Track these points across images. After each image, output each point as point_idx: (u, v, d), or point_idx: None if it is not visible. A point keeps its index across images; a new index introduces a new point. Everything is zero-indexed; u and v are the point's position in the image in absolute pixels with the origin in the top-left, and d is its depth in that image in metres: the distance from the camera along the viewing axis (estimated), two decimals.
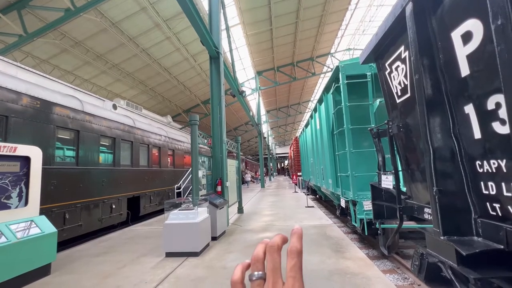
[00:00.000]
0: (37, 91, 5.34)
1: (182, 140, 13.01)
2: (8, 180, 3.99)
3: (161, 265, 4.34)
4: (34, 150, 4.38)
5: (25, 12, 9.39)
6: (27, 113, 5.00)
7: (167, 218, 4.93)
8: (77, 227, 5.99)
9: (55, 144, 5.57)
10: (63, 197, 5.50)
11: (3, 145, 3.94)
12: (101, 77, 15.75)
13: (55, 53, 12.58)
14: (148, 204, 9.25)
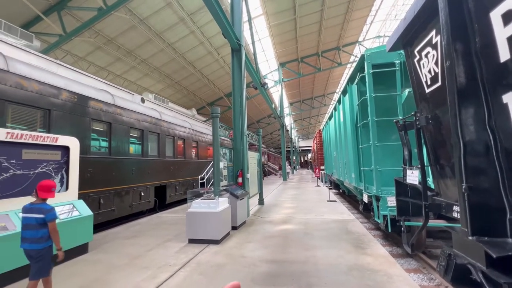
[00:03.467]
0: (74, 87, 5.80)
1: (206, 132, 13.37)
2: (51, 167, 4.44)
3: (184, 250, 4.58)
4: (72, 140, 4.80)
5: (64, 13, 10.14)
6: (66, 106, 5.47)
7: (190, 207, 5.16)
8: (111, 211, 6.51)
9: (91, 135, 6.06)
10: (98, 184, 6.00)
11: (47, 136, 4.37)
12: (131, 72, 16.61)
13: (90, 51, 13.49)
14: (173, 193, 9.74)
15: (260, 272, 3.56)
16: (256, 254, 4.26)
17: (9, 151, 3.83)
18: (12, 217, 3.64)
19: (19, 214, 3.76)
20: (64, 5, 9.97)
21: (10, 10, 9.51)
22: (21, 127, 4.76)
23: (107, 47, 13.48)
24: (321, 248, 4.45)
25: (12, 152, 3.88)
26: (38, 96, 4.90)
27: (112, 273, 3.73)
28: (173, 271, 3.68)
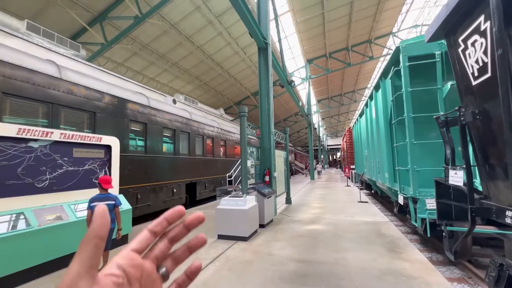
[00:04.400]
0: (115, 91, 6.31)
1: (233, 131, 13.63)
2: (96, 164, 4.90)
3: (213, 246, 4.75)
4: (113, 140, 5.24)
5: (105, 24, 11.06)
6: (108, 109, 5.98)
7: (219, 204, 5.32)
8: (146, 206, 6.98)
9: (129, 135, 6.54)
10: (135, 180, 6.47)
11: (93, 136, 4.83)
12: (163, 75, 17.56)
13: (127, 57, 14.53)
14: (203, 190, 10.11)
15: (288, 271, 3.55)
16: (284, 253, 4.26)
17: (62, 150, 4.31)
18: (65, 208, 4.10)
19: (71, 206, 4.22)
20: (105, 16, 10.87)
21: (60, 23, 10.64)
22: (71, 128, 5.32)
23: (142, 52, 14.40)
24: (352, 251, 4.29)
25: (65, 151, 4.35)
26: (85, 100, 5.43)
27: None
28: (204, 264, 3.84)
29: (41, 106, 4.65)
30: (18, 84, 4.26)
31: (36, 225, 3.57)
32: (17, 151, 3.69)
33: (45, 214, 3.79)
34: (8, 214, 3.40)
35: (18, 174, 3.68)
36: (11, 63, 4.22)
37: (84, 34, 11.38)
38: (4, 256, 3.17)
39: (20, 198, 3.66)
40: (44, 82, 4.66)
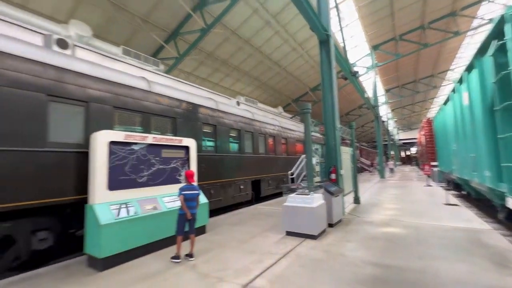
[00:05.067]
0: (189, 98, 7.13)
1: (293, 129, 13.56)
2: (179, 163, 5.65)
3: (282, 242, 4.86)
4: (191, 141, 5.94)
5: (178, 39, 12.59)
6: (185, 114, 6.81)
7: (286, 201, 5.40)
8: (218, 201, 7.65)
9: (202, 136, 7.30)
10: (208, 177, 7.17)
11: (175, 138, 5.59)
12: (226, 80, 18.82)
13: (196, 66, 16.17)
14: (267, 187, 10.43)
15: (365, 274, 3.35)
16: (357, 255, 4.03)
17: (154, 151, 5.13)
18: (158, 200, 4.88)
19: (162, 199, 4.99)
20: (178, 32, 12.36)
21: (144, 45, 12.64)
22: (158, 132, 6.26)
23: (207, 61, 15.78)
24: (442, 259, 3.73)
25: (156, 152, 5.18)
26: (168, 108, 6.32)
27: (226, 252, 4.40)
28: (275, 259, 3.98)
29: (137, 115, 5.65)
30: (123, 99, 5.29)
31: (140, 212, 4.38)
32: (125, 152, 4.59)
33: (145, 204, 4.61)
34: (123, 203, 4.27)
35: (126, 171, 4.58)
36: (119, 83, 5.26)
37: (162, 51, 13.22)
38: (121, 236, 4.00)
39: (128, 190, 4.54)
40: (139, 95, 5.65)
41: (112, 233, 3.89)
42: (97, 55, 5.79)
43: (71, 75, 4.52)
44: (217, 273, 3.54)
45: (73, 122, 4.55)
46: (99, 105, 4.86)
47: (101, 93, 4.92)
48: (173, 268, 3.81)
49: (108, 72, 5.21)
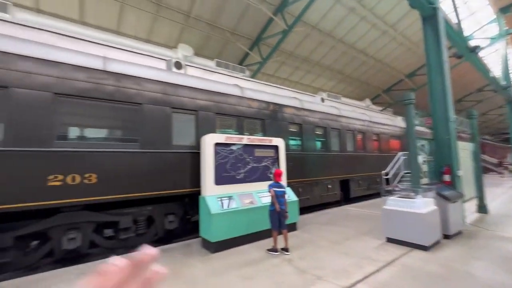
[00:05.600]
0: (275, 99, 7.44)
1: (386, 123, 12.00)
2: (269, 161, 6.00)
3: (383, 248, 4.41)
4: (280, 140, 6.19)
5: (261, 45, 13.33)
6: (272, 115, 7.15)
7: (386, 203, 4.87)
8: (306, 199, 7.65)
9: (288, 135, 7.48)
10: (296, 175, 7.29)
11: (266, 138, 5.97)
12: (307, 77, 18.56)
13: (277, 67, 16.68)
14: (356, 188, 9.66)
15: None
16: (497, 278, 3.20)
17: (248, 151, 5.64)
18: (254, 196, 5.34)
19: (257, 194, 5.43)
20: (260, 38, 13.09)
21: (232, 54, 14.03)
22: (250, 134, 6.82)
23: (288, 61, 15.99)
24: None
25: (250, 151, 5.68)
26: (257, 110, 6.81)
27: (320, 251, 4.37)
28: (377, 266, 3.66)
29: (233, 119, 6.35)
30: (223, 106, 6.07)
31: (240, 205, 4.92)
32: (226, 152, 5.25)
33: (243, 198, 5.14)
34: (227, 196, 4.92)
35: (227, 169, 5.23)
36: (218, 92, 6.07)
37: (246, 58, 14.32)
38: (227, 224, 4.61)
39: (229, 185, 5.17)
40: (234, 101, 6.34)
41: (220, 221, 4.54)
42: (199, 70, 6.86)
43: (186, 90, 5.54)
44: (315, 271, 3.57)
45: (187, 128, 5.56)
46: (205, 113, 5.76)
47: (206, 102, 5.81)
48: (270, 259, 4.09)
49: (210, 84, 6.09)
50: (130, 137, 4.79)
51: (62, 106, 4.13)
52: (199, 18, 11.63)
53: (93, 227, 4.46)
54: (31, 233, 3.95)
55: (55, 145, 3.98)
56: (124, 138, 4.78)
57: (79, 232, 4.28)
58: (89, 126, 4.45)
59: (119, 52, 5.39)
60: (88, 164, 4.18)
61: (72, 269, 3.95)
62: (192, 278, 3.48)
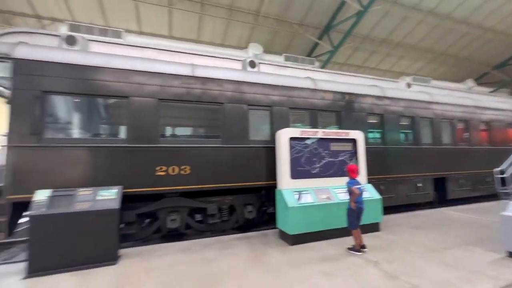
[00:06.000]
0: (351, 89, 6.88)
1: (500, 108, 9.44)
2: (347, 156, 5.64)
3: (503, 264, 3.55)
4: (358, 133, 5.73)
5: (331, 32, 12.56)
6: (348, 106, 6.67)
7: (507, 209, 3.88)
8: (389, 198, 6.85)
9: (368, 127, 6.83)
10: (377, 171, 6.60)
11: (342, 132, 5.63)
12: (385, 61, 16.46)
13: (349, 54, 15.40)
14: (456, 188, 8.03)
15: None
16: None
17: (324, 145, 5.45)
18: (331, 191, 5.14)
19: (334, 190, 5.21)
20: (330, 26, 12.33)
21: (299, 47, 13.73)
22: (324, 127, 6.56)
23: (362, 46, 14.52)
24: None
25: (325, 145, 5.48)
26: (332, 102, 6.48)
27: (411, 257, 3.85)
28: (498, 286, 2.97)
29: (306, 112, 6.24)
30: (296, 100, 6.05)
31: (316, 200, 4.83)
32: (300, 146, 5.23)
33: (319, 193, 5.02)
34: (303, 191, 4.92)
35: (302, 163, 5.21)
36: (290, 86, 6.07)
37: (315, 49, 13.76)
38: (303, 219, 4.61)
39: (304, 180, 5.14)
40: (307, 94, 6.22)
41: (297, 215, 4.58)
42: (271, 67, 6.99)
43: (260, 87, 5.77)
44: (409, 279, 3.18)
45: (262, 124, 5.80)
46: (279, 108, 5.86)
47: (279, 97, 5.91)
48: (351, 257, 3.88)
49: (282, 79, 6.14)
50: (214, 133, 5.35)
51: (163, 110, 4.97)
52: (267, 16, 11.85)
53: (187, 211, 5.23)
54: (146, 213, 4.94)
55: (160, 142, 4.83)
56: (209, 135, 5.38)
57: (178, 214, 5.10)
58: (183, 125, 5.22)
59: (202, 58, 6.04)
60: (184, 158, 4.91)
61: (174, 244, 4.75)
62: (273, 266, 3.65)
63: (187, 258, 4.05)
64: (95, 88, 4.55)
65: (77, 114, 4.80)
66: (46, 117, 4.29)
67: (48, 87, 4.27)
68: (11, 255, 5.13)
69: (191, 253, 4.29)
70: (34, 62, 4.24)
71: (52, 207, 3.71)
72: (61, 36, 4.93)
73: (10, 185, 3.94)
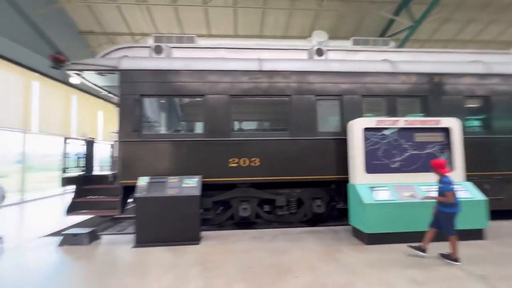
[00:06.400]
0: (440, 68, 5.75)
1: None
2: (436, 148, 4.79)
3: None
4: (453, 121, 4.78)
5: (411, 4, 10.77)
6: (437, 89, 5.61)
7: None
8: (496, 200, 5.51)
9: (465, 113, 5.61)
10: (479, 167, 5.38)
11: (431, 120, 4.80)
12: (486, 31, 13.15)
13: (435, 28, 12.92)
14: None
15: None
16: None
17: (406, 135, 4.77)
18: (416, 189, 4.47)
19: (420, 187, 4.51)
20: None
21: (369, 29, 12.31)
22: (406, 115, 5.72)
23: (454, 15, 11.95)
24: None
25: (408, 136, 4.78)
26: (416, 86, 5.58)
27: None
28: None
29: (382, 99, 5.57)
30: (370, 86, 5.48)
31: (398, 198, 4.29)
32: (377, 138, 4.72)
33: (401, 190, 4.44)
34: (380, 186, 4.45)
35: (378, 156, 4.70)
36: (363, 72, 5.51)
37: (389, 28, 12.10)
38: (381, 217, 4.17)
39: (382, 175, 4.63)
40: (384, 79, 5.53)
41: (374, 212, 4.18)
42: (339, 53, 6.48)
43: (328, 75, 5.44)
44: None
45: (331, 114, 5.48)
46: (350, 96, 5.42)
47: (350, 85, 5.45)
48: (446, 267, 3.30)
49: (353, 65, 5.62)
50: (282, 126, 5.37)
51: (234, 105, 5.26)
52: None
53: (257, 201, 5.45)
54: (220, 201, 5.40)
55: (232, 135, 5.15)
56: (277, 128, 5.43)
57: (248, 204, 5.38)
58: (252, 119, 5.43)
59: (268, 52, 6.09)
60: (253, 150, 5.12)
61: (246, 231, 5.05)
62: (349, 265, 3.44)
63: (259, 246, 4.23)
64: (179, 89, 5.18)
65: (164, 113, 5.59)
66: (143, 116, 5.15)
67: (144, 91, 5.09)
68: (122, 227, 6.45)
69: (262, 242, 4.47)
70: (134, 71, 5.12)
71: (150, 191, 4.46)
72: (151, 47, 5.78)
73: (121, 172, 4.92)
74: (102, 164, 8.89)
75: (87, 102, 12.79)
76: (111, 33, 12.71)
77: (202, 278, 3.13)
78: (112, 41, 12.94)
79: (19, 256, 4.04)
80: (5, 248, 4.23)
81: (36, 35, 9.79)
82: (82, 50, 12.01)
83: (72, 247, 4.31)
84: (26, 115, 9.22)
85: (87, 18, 11.82)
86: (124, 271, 3.39)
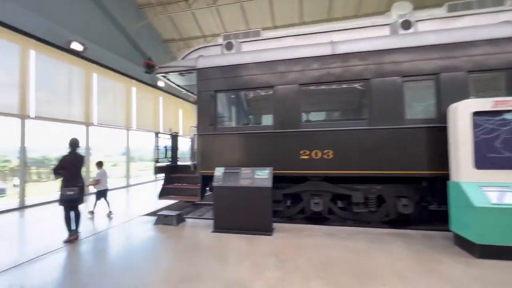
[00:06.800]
0: None
1: None
2: None
3: None
4: None
5: None
6: None
7: None
8: None
9: None
10: None
11: None
12: None
13: None
14: None
15: None
16: None
17: None
18: None
19: None
20: None
21: None
22: None
23: None
24: None
25: None
26: None
27: None
28: None
29: (500, 74, 4.30)
30: (479, 58, 4.30)
31: None
32: (493, 124, 3.67)
33: None
34: (501, 186, 3.47)
35: (496, 147, 3.65)
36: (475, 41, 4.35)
37: None
38: (500, 226, 3.25)
39: (500, 171, 3.58)
40: (502, 48, 4.24)
41: (488, 218, 3.29)
42: (434, 22, 5.31)
43: (419, 51, 4.53)
44: None
45: (424, 98, 4.57)
46: (449, 74, 4.38)
47: (450, 60, 4.40)
48: None
49: (454, 34, 4.50)
50: (359, 114, 4.82)
51: (304, 94, 5.01)
52: None
53: (330, 196, 5.10)
54: (291, 193, 5.29)
55: (302, 126, 4.93)
56: (353, 117, 4.91)
57: (321, 198, 5.09)
58: (324, 109, 5.05)
59: (341, 34, 5.51)
60: (326, 142, 4.77)
61: (319, 227, 4.80)
62: (455, 280, 2.80)
63: (333, 243, 3.95)
64: (248, 82, 5.26)
65: (235, 106, 5.81)
66: (218, 111, 5.48)
67: (218, 87, 5.40)
68: (202, 212, 7.16)
69: (336, 239, 4.16)
70: (208, 69, 5.47)
71: (225, 181, 4.72)
72: (222, 44, 6.06)
73: (200, 163, 5.39)
74: (184, 155, 10.12)
75: (170, 101, 14.70)
76: (187, 38, 14.14)
77: (278, 269, 3.10)
78: (188, 46, 14.39)
79: (126, 229, 4.95)
80: (112, 220, 5.27)
81: (132, 47, 11.77)
82: (165, 57, 13.80)
83: (164, 226, 5.02)
84: (128, 115, 11.26)
85: (168, 28, 13.49)
86: (207, 253, 3.70)
